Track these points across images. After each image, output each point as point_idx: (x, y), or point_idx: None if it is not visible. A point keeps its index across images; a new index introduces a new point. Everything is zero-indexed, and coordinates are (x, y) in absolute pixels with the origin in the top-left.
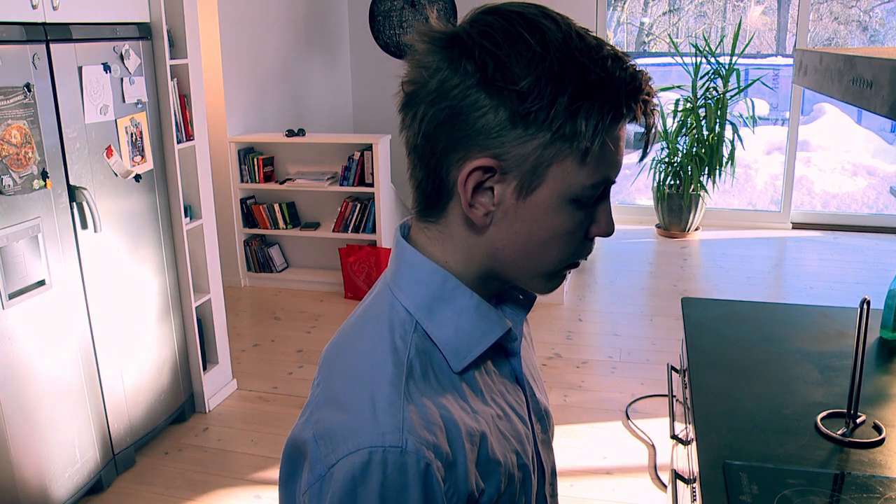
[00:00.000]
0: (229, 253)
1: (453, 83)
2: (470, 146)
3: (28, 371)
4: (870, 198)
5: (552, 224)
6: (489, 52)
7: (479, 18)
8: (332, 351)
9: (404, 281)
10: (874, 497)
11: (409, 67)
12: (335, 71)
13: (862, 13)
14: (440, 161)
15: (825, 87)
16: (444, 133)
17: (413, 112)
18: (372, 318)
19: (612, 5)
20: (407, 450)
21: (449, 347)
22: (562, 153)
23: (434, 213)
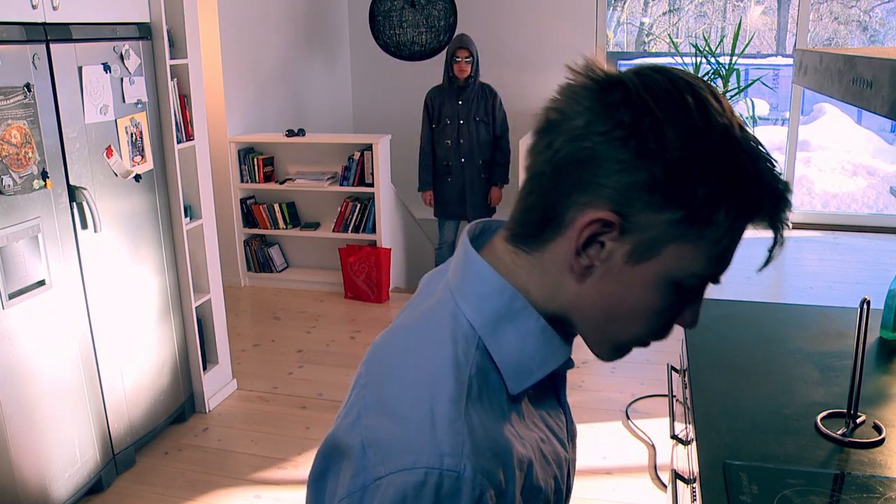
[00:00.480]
0: (229, 253)
1: (601, 128)
2: (598, 195)
3: (28, 371)
4: (870, 198)
5: (646, 299)
6: (648, 109)
7: (646, 73)
8: (385, 351)
9: (471, 292)
10: (874, 497)
11: (559, 94)
12: (335, 71)
13: (862, 13)
14: (561, 198)
15: (825, 87)
16: (575, 172)
17: (549, 140)
18: (433, 325)
19: (612, 5)
20: (464, 476)
21: (509, 369)
22: (686, 236)
23: (532, 243)
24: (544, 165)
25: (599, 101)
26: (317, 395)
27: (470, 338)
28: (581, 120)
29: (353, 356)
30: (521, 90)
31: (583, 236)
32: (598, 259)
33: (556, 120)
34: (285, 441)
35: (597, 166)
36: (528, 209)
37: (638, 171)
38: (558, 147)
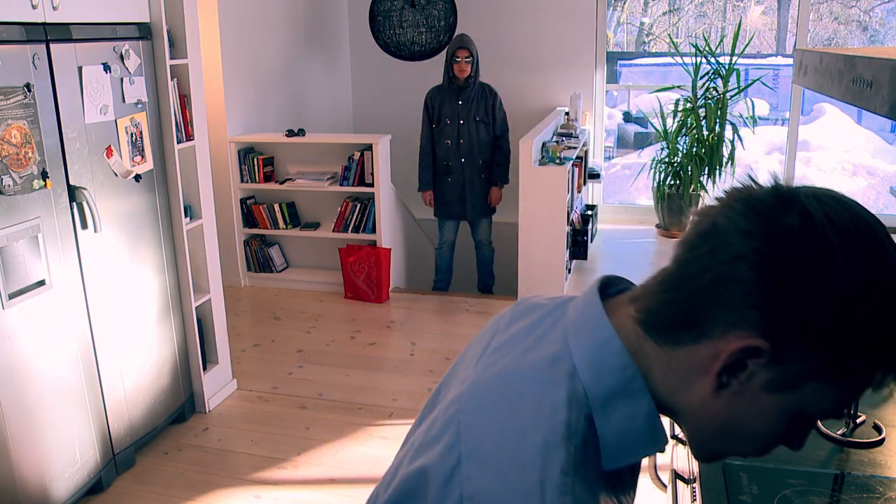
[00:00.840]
0: (229, 253)
1: (774, 255)
2: (753, 319)
3: (28, 371)
4: (870, 198)
5: (768, 424)
6: (827, 245)
7: (827, 201)
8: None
9: (593, 360)
10: (874, 497)
11: (732, 200)
12: (335, 71)
13: (862, 13)
14: (713, 310)
15: (825, 87)
16: (735, 291)
17: (713, 247)
18: (548, 380)
19: (612, 5)
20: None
21: (609, 447)
22: (834, 379)
23: (667, 339)
24: (703, 272)
25: (776, 224)
26: (317, 395)
27: (582, 405)
28: (752, 240)
29: (353, 356)
30: (521, 90)
31: (731, 359)
32: (737, 380)
33: (725, 228)
34: (285, 441)
35: (760, 292)
36: (671, 305)
37: (803, 306)
38: (723, 259)
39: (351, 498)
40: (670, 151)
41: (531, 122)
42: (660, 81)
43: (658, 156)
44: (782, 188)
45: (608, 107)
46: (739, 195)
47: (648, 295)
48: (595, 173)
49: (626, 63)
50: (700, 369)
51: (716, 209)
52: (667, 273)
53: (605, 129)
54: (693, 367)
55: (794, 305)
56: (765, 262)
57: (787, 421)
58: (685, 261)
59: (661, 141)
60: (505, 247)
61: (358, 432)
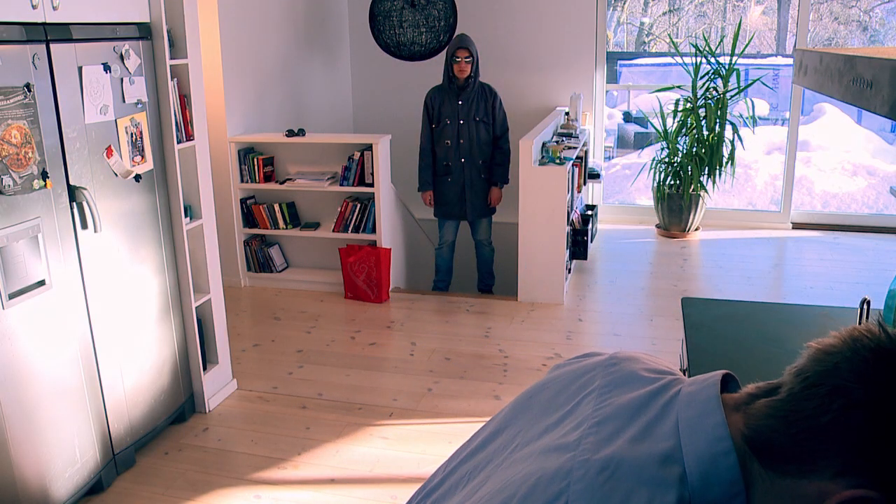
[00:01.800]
0: (229, 253)
1: (889, 408)
2: (864, 468)
3: (28, 371)
4: (870, 198)
5: None
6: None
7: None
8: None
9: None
10: None
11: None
12: (335, 71)
13: (862, 13)
14: (825, 453)
15: (825, 87)
16: (851, 438)
17: (831, 389)
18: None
19: (612, 5)
20: None
21: None
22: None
23: (769, 464)
24: (818, 413)
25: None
26: (317, 395)
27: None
28: (876, 391)
29: (353, 356)
30: (521, 90)
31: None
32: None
33: (848, 373)
34: (285, 441)
35: (879, 446)
36: (780, 433)
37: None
38: (842, 404)
39: (351, 498)
40: (670, 151)
41: (531, 122)
42: (660, 81)
43: (658, 156)
44: None
45: (608, 107)
46: (869, 342)
47: (758, 415)
48: (595, 173)
49: (626, 63)
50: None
51: (840, 350)
52: (778, 400)
53: (605, 129)
54: (795, 500)
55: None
56: (882, 414)
57: None
58: (800, 396)
59: (661, 141)
60: (505, 247)
61: (358, 432)
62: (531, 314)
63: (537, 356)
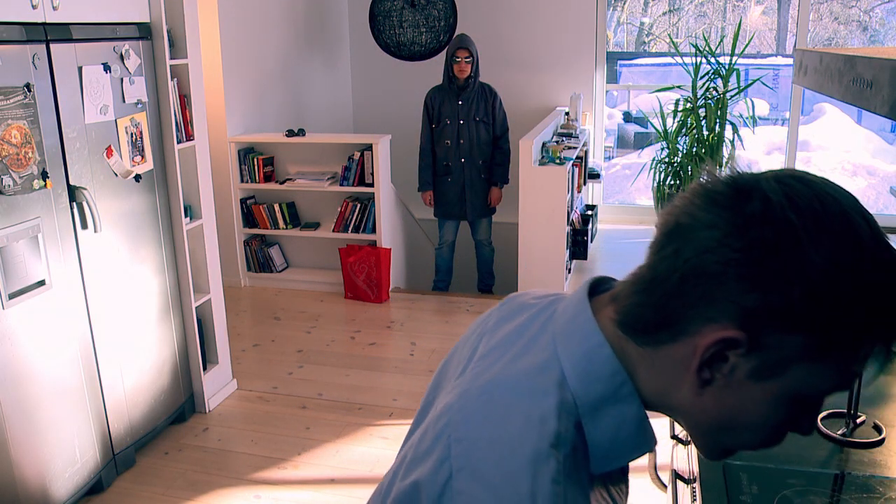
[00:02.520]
0: (229, 253)
1: (737, 244)
2: (725, 311)
3: (28, 371)
4: (870, 198)
5: (765, 413)
6: (791, 228)
7: (789, 182)
8: (485, 408)
9: (583, 370)
10: (874, 497)
11: (692, 197)
12: (335, 71)
13: (862, 13)
14: (685, 308)
15: (825, 87)
16: (704, 285)
17: (677, 247)
18: (537, 390)
19: (612, 5)
20: None
21: (599, 451)
22: (818, 359)
23: (645, 340)
24: (670, 272)
25: (737, 213)
26: (317, 395)
27: (571, 414)
28: (716, 232)
29: (352, 356)
30: (521, 90)
31: (707, 353)
32: (720, 373)
33: (687, 225)
34: (285, 441)
35: (728, 283)
36: (644, 306)
37: (773, 293)
38: (687, 257)
39: (351, 498)
40: (670, 151)
41: (531, 122)
42: (660, 81)
43: (658, 156)
44: (742, 177)
45: (608, 107)
46: (700, 189)
47: (624, 297)
48: (595, 173)
49: (626, 63)
50: (682, 367)
51: (678, 207)
52: (639, 276)
53: (605, 129)
54: (676, 366)
55: (764, 293)
56: (730, 253)
57: (787, 407)
58: (654, 263)
59: (661, 141)
60: (505, 247)
61: (358, 432)
62: None
63: None
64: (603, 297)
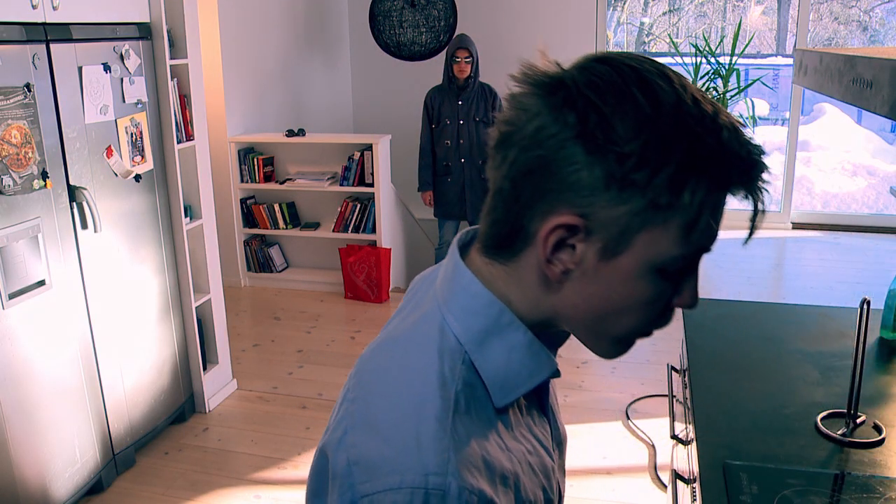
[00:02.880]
0: (229, 253)
1: (550, 132)
2: (557, 200)
3: (28, 371)
4: (870, 198)
5: (633, 292)
6: (594, 105)
7: (589, 66)
8: (372, 365)
9: (458, 308)
10: (874, 497)
11: (507, 107)
12: (335, 71)
13: (862, 13)
14: (524, 209)
15: (825, 87)
16: (532, 182)
17: (504, 154)
18: (420, 339)
19: (612, 5)
20: (449, 493)
21: (495, 383)
22: (655, 222)
23: (505, 255)
24: (503, 181)
25: (545, 105)
26: (317, 395)
27: (456, 353)
28: (530, 128)
29: (353, 356)
30: None
31: (549, 243)
32: (572, 263)
33: (508, 132)
34: (285, 441)
35: (551, 173)
36: (495, 223)
37: (592, 168)
38: (513, 159)
39: None
40: None
41: None
42: None
43: None
44: (545, 75)
45: None
46: (511, 99)
47: (482, 227)
48: None
49: None
50: (540, 270)
51: (499, 123)
52: (487, 199)
53: None
54: (536, 273)
55: (584, 171)
56: (546, 143)
57: (650, 280)
58: (492, 180)
59: None
60: None
61: None
62: None
63: None
64: (474, 246)
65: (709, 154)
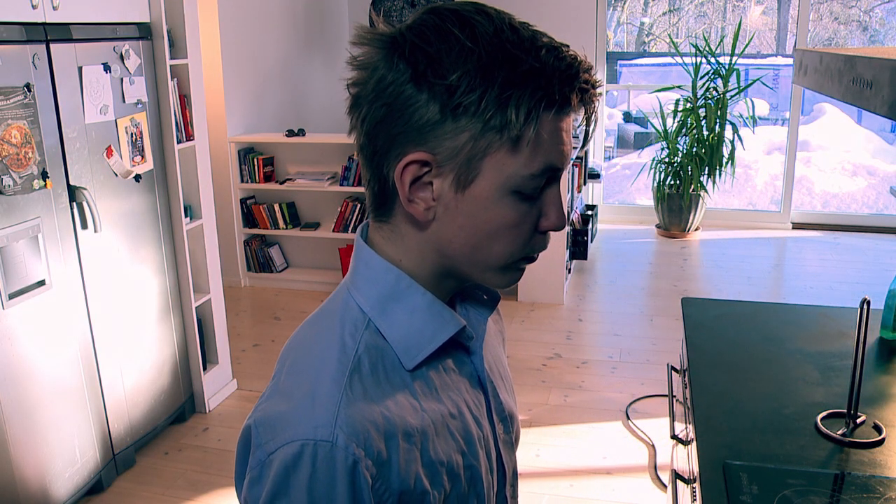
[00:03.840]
0: (229, 253)
1: (388, 80)
2: (406, 142)
3: (28, 371)
4: (870, 198)
5: (495, 216)
6: (420, 48)
7: (417, 18)
8: (287, 346)
9: (360, 279)
10: (874, 497)
11: (352, 69)
12: (335, 71)
13: (862, 13)
14: (381, 159)
15: (825, 87)
16: (382, 131)
17: (357, 113)
18: (325, 314)
19: (612, 5)
20: (336, 444)
21: (400, 345)
22: (494, 144)
23: (384, 212)
24: (360, 138)
25: (382, 59)
26: None
27: (359, 320)
28: (372, 82)
29: None
30: None
31: (405, 182)
32: (432, 199)
33: (357, 93)
34: None
35: (396, 118)
36: (367, 183)
37: (428, 105)
38: (364, 115)
39: None
40: (670, 151)
41: None
42: (660, 81)
43: (658, 156)
44: (374, 35)
45: (608, 107)
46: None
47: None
48: (595, 173)
49: (626, 63)
50: (412, 216)
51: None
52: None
53: (605, 129)
54: (410, 219)
55: (421, 109)
56: (386, 91)
57: (507, 203)
58: (355, 141)
59: (661, 141)
60: None
61: None
62: (531, 314)
63: (537, 356)
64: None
65: (528, 70)
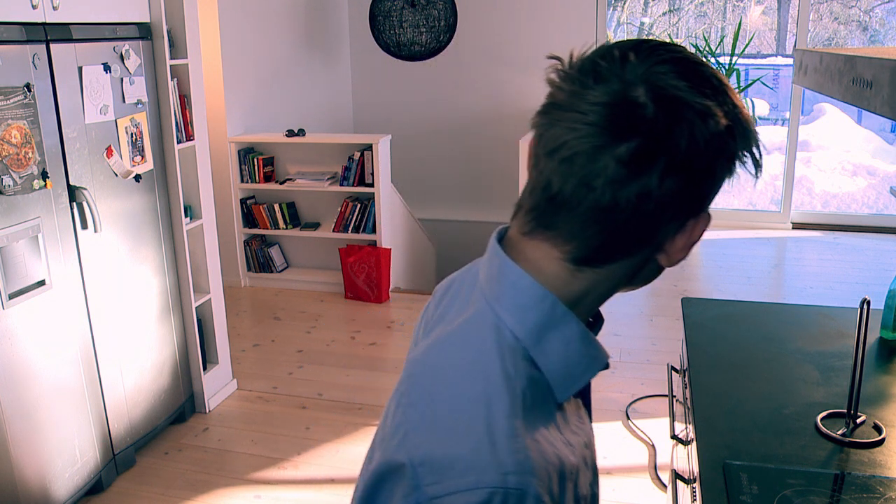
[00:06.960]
0: (229, 253)
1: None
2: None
3: (28, 371)
4: (870, 198)
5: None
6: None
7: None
8: (425, 368)
9: (511, 303)
10: (874, 497)
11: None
12: (335, 71)
13: (862, 13)
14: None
15: (825, 87)
16: (679, 200)
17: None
18: (474, 338)
19: (612, 5)
20: (529, 493)
21: (557, 377)
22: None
23: (605, 263)
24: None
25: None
26: (317, 395)
27: (516, 349)
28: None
29: (353, 356)
30: (520, 90)
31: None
32: None
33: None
34: (285, 441)
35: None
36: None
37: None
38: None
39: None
40: None
41: None
42: None
43: None
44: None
45: None
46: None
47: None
48: None
49: None
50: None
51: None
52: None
53: None
54: (629, 268)
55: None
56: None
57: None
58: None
59: None
60: None
61: (358, 432)
62: None
63: None
64: (511, 238)
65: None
